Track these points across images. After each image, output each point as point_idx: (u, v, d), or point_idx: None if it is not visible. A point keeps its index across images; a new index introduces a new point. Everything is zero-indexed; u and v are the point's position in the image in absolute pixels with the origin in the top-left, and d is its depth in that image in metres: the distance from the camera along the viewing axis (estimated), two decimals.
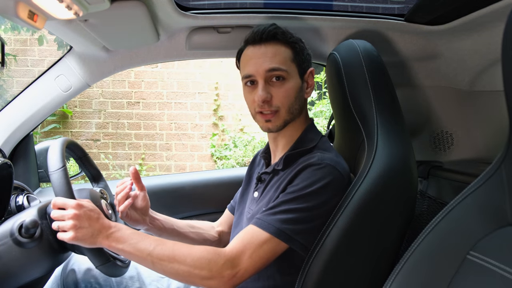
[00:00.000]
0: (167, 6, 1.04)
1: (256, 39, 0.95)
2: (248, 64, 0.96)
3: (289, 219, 0.84)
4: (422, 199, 1.24)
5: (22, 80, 3.82)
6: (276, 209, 0.86)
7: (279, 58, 0.94)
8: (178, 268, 0.80)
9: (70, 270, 1.13)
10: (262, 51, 0.94)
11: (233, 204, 1.23)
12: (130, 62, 1.34)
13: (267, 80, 0.94)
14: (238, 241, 0.85)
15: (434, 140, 1.28)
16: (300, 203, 0.85)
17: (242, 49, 1.00)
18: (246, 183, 1.15)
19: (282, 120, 0.96)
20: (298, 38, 0.99)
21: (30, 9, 0.78)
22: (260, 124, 0.99)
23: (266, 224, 0.84)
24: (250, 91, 0.97)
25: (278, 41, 0.95)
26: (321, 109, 3.74)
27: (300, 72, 0.98)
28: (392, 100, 0.99)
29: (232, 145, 3.93)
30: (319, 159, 0.89)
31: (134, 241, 0.84)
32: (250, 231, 0.85)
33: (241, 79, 1.00)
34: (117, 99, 3.95)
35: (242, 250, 0.83)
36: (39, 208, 0.91)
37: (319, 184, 0.86)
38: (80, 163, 1.14)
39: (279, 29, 0.95)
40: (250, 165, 1.19)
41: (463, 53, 1.09)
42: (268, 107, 0.94)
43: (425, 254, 0.67)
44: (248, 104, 1.00)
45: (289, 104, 0.95)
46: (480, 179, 0.65)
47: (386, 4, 1.19)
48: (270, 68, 0.93)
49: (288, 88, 0.94)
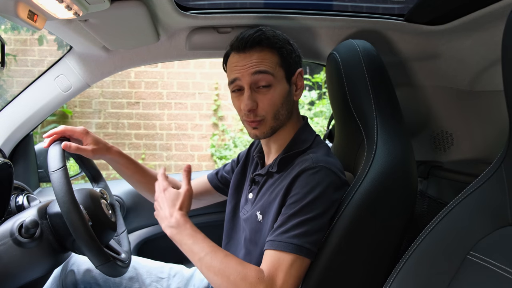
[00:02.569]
0: (167, 6, 1.04)
1: (241, 46, 0.94)
2: (233, 70, 0.95)
3: (303, 233, 0.83)
4: (422, 199, 1.24)
5: (22, 80, 3.82)
6: (287, 225, 0.84)
7: (265, 64, 0.93)
8: (221, 283, 0.82)
9: (69, 271, 1.13)
10: (248, 58, 0.93)
11: (215, 179, 1.23)
12: (130, 62, 1.34)
13: (253, 87, 0.93)
14: (268, 265, 0.84)
15: (434, 140, 1.28)
16: (307, 212, 0.84)
17: (228, 54, 1.00)
18: (241, 179, 1.13)
19: (268, 128, 0.95)
20: (286, 40, 0.97)
21: (30, 9, 0.78)
22: (248, 131, 0.98)
23: (285, 244, 0.83)
24: (237, 98, 0.97)
25: (263, 47, 0.94)
26: (321, 109, 3.74)
27: (287, 76, 0.97)
28: (392, 100, 0.99)
29: (232, 145, 3.93)
30: (313, 162, 0.88)
31: (190, 241, 0.86)
32: (274, 256, 0.84)
33: (227, 84, 1.00)
34: (117, 99, 3.95)
35: (275, 272, 0.82)
36: (39, 208, 0.91)
37: (319, 189, 0.85)
38: (80, 163, 1.14)
39: (264, 34, 0.94)
40: (241, 156, 1.18)
41: (463, 53, 1.09)
42: (254, 117, 0.94)
43: (425, 254, 0.67)
44: (236, 110, 1.00)
45: (275, 112, 0.94)
46: (480, 179, 0.65)
47: (386, 4, 1.19)
48: (256, 71, 0.92)
49: (274, 95, 0.93)
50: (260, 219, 0.93)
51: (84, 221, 0.84)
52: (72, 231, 0.83)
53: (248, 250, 0.97)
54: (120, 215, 1.17)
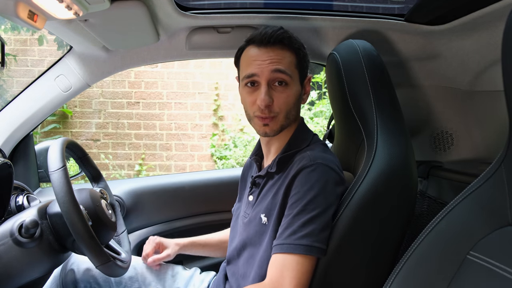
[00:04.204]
0: (167, 6, 1.03)
1: (264, 41, 0.93)
2: (251, 64, 0.94)
3: (310, 232, 0.83)
4: (422, 199, 1.24)
5: (22, 80, 3.81)
6: (293, 227, 0.84)
7: (285, 62, 0.92)
8: None
9: (69, 270, 1.13)
10: (269, 54, 0.92)
11: None
12: (130, 62, 1.34)
13: (270, 84, 0.93)
14: (272, 270, 0.84)
15: (434, 140, 1.28)
16: (311, 211, 0.84)
17: (244, 47, 0.98)
18: (242, 188, 1.15)
19: (279, 125, 0.95)
20: (301, 43, 0.98)
21: (30, 9, 0.78)
22: (257, 128, 0.97)
23: (294, 246, 0.83)
24: (250, 93, 0.95)
25: (284, 45, 0.93)
26: (321, 109, 3.74)
27: (301, 79, 0.97)
28: (392, 100, 0.99)
29: (232, 145, 3.92)
30: (311, 160, 0.88)
31: None
32: (280, 260, 0.84)
33: (239, 78, 0.99)
34: (117, 99, 3.95)
35: (281, 275, 0.82)
36: (39, 208, 0.91)
37: (318, 185, 0.85)
38: (80, 163, 1.14)
39: (286, 34, 0.94)
40: (244, 168, 1.18)
41: (463, 53, 1.09)
42: (268, 113, 0.93)
43: (425, 254, 0.67)
44: (246, 105, 0.97)
45: (288, 110, 0.94)
46: (480, 179, 0.65)
47: (386, 4, 1.19)
48: (276, 69, 0.91)
49: (290, 94, 0.94)
50: (265, 222, 0.93)
51: (84, 221, 0.84)
52: (72, 231, 0.83)
53: (250, 253, 0.96)
54: (120, 215, 1.17)
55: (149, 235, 1.54)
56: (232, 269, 1.02)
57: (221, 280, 1.06)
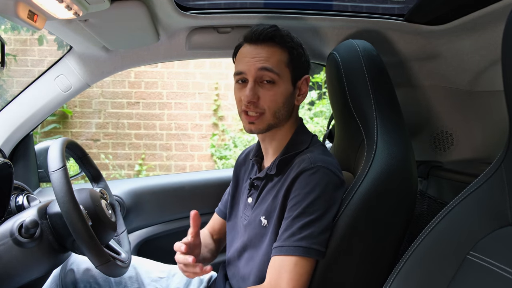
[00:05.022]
0: (167, 6, 1.03)
1: (253, 38, 0.94)
2: (241, 62, 0.95)
3: (309, 235, 0.83)
4: (422, 199, 1.24)
5: (22, 80, 3.81)
6: (292, 229, 0.84)
7: (273, 60, 0.92)
8: None
9: (69, 270, 1.12)
10: (257, 51, 0.93)
11: (222, 208, 1.20)
12: (130, 62, 1.34)
13: (257, 81, 0.93)
14: (271, 272, 0.85)
15: (434, 140, 1.28)
16: (310, 214, 0.84)
17: (240, 45, 0.99)
18: (235, 186, 1.13)
19: (265, 124, 0.94)
20: (299, 43, 0.97)
21: (30, 9, 0.78)
22: (244, 124, 0.97)
23: (293, 248, 0.83)
24: (240, 89, 0.96)
25: (274, 43, 0.93)
26: (321, 109, 3.74)
27: (293, 78, 0.96)
28: (392, 100, 0.99)
29: (232, 145, 3.92)
30: (311, 162, 0.88)
31: None
32: (278, 261, 0.84)
33: (233, 75, 1.00)
34: (117, 99, 3.94)
35: (279, 277, 0.83)
36: (39, 208, 0.91)
37: (319, 188, 0.85)
38: (80, 163, 1.14)
39: (278, 32, 0.94)
40: (235, 166, 1.16)
41: (463, 53, 1.09)
42: (254, 108, 0.93)
43: (425, 254, 0.67)
44: (236, 101, 0.98)
45: (275, 109, 0.93)
46: (480, 179, 0.65)
47: (386, 4, 1.19)
48: (262, 67, 0.91)
49: (277, 92, 0.93)
50: (265, 224, 0.93)
51: (84, 221, 0.84)
52: (72, 231, 0.83)
53: (251, 255, 0.96)
54: (120, 215, 1.17)
55: (149, 235, 1.54)
56: (232, 270, 1.02)
57: (221, 280, 1.06)
